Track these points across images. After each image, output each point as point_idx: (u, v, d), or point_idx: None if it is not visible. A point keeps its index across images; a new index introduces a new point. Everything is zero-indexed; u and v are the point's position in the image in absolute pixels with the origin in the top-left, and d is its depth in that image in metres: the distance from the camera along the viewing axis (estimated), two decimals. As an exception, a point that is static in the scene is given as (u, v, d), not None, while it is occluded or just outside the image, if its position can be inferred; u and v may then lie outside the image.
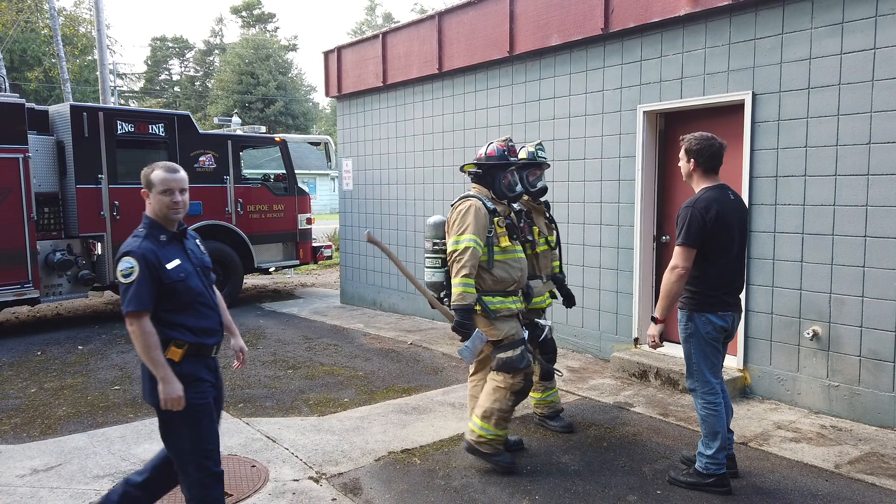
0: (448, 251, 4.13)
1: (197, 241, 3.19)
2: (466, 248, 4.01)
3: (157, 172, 2.96)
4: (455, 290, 4.02)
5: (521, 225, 4.61)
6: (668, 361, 5.90)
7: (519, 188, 4.45)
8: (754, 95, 5.40)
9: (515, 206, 4.66)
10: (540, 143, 4.94)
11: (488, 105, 7.93)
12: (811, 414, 5.12)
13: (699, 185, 3.90)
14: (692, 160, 3.89)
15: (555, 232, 4.98)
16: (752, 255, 5.47)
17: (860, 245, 4.88)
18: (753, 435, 4.71)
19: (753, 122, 5.43)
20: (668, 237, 6.36)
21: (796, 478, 4.04)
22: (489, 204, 4.21)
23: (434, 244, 4.34)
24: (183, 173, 3.03)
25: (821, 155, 5.06)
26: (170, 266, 2.90)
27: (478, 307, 4.09)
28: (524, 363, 4.10)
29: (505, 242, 4.18)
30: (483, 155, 4.36)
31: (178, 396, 2.86)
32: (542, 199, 4.97)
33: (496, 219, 4.18)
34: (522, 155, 4.75)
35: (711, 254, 3.77)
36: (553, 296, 4.95)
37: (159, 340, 2.87)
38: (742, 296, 5.53)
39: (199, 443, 2.97)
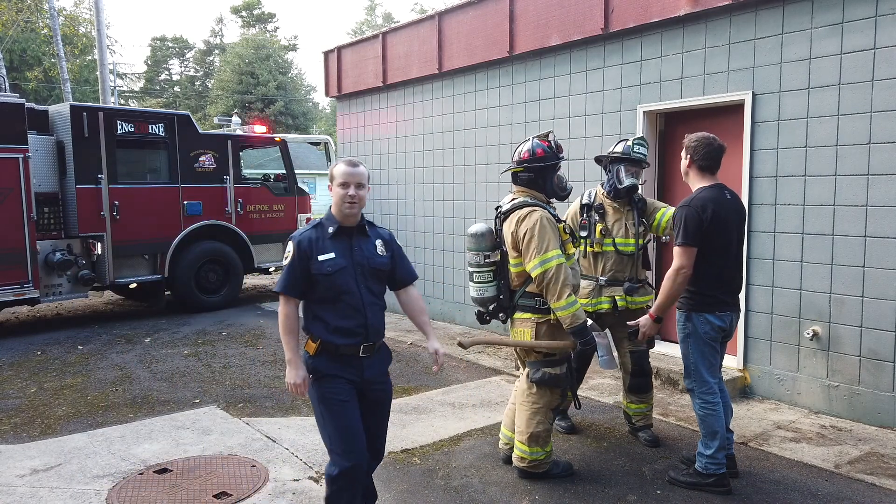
0: (536, 272, 3.74)
1: (378, 241, 3.13)
2: (559, 266, 3.70)
3: (339, 166, 3.04)
4: (566, 313, 3.70)
5: (582, 219, 4.58)
6: (668, 361, 5.91)
7: (570, 186, 4.20)
8: (754, 95, 5.40)
9: (586, 199, 4.67)
10: (641, 138, 4.62)
11: (488, 105, 7.93)
12: (811, 414, 5.12)
13: (696, 184, 3.90)
14: (689, 156, 3.90)
15: (639, 235, 4.59)
16: (752, 255, 5.47)
17: (860, 245, 4.88)
18: (753, 435, 4.71)
19: (753, 122, 5.43)
20: (667, 237, 6.35)
21: (796, 478, 4.04)
22: (552, 211, 3.96)
23: (485, 257, 4.01)
24: (362, 169, 3.07)
25: (821, 155, 5.06)
26: (321, 258, 2.95)
27: (552, 316, 3.83)
28: (567, 382, 4.00)
29: (571, 249, 3.98)
30: (530, 155, 3.98)
31: (294, 382, 2.94)
32: (637, 197, 4.61)
33: (560, 225, 3.93)
34: (619, 149, 4.59)
35: (709, 254, 3.76)
36: (613, 302, 4.53)
37: (298, 326, 3.00)
38: (742, 296, 5.54)
39: (328, 436, 3.01)
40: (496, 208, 4.13)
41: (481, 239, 4.01)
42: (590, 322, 3.95)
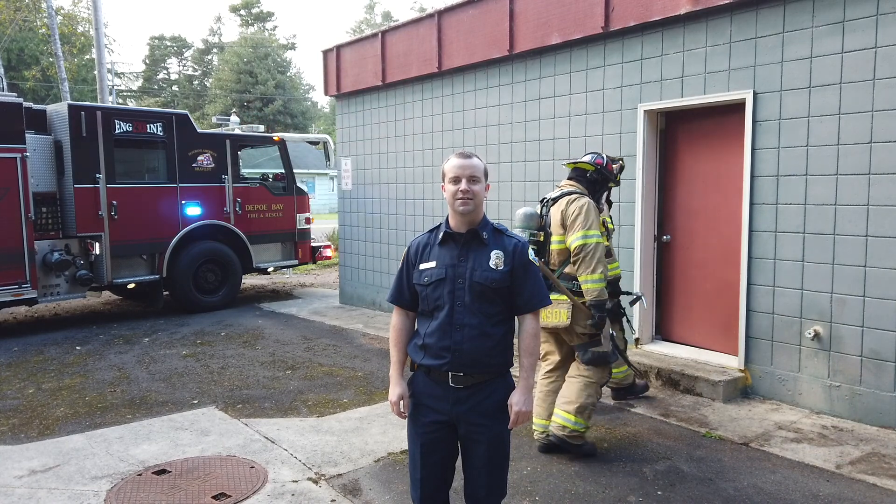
0: (576, 244, 4.26)
1: (495, 252, 2.65)
2: (598, 244, 4.23)
3: (450, 160, 2.71)
4: (594, 287, 4.22)
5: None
6: (668, 361, 5.89)
7: (603, 207, 4.80)
8: (755, 94, 5.38)
9: None
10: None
11: (488, 104, 7.91)
12: (812, 414, 5.11)
13: None
14: None
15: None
16: (753, 255, 5.46)
17: (861, 244, 4.86)
18: (755, 435, 4.69)
19: (754, 122, 5.41)
20: (668, 237, 6.34)
21: (797, 478, 4.02)
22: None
23: (531, 234, 4.39)
24: (476, 161, 2.70)
25: (822, 154, 5.05)
26: (422, 266, 2.69)
27: (585, 299, 4.27)
28: (614, 357, 4.50)
29: (606, 242, 4.56)
30: (603, 164, 4.66)
31: (390, 400, 2.73)
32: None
33: (602, 217, 4.53)
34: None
35: None
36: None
37: (406, 339, 2.78)
38: (743, 295, 5.54)
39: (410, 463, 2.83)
40: (541, 200, 4.60)
41: (530, 218, 4.43)
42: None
